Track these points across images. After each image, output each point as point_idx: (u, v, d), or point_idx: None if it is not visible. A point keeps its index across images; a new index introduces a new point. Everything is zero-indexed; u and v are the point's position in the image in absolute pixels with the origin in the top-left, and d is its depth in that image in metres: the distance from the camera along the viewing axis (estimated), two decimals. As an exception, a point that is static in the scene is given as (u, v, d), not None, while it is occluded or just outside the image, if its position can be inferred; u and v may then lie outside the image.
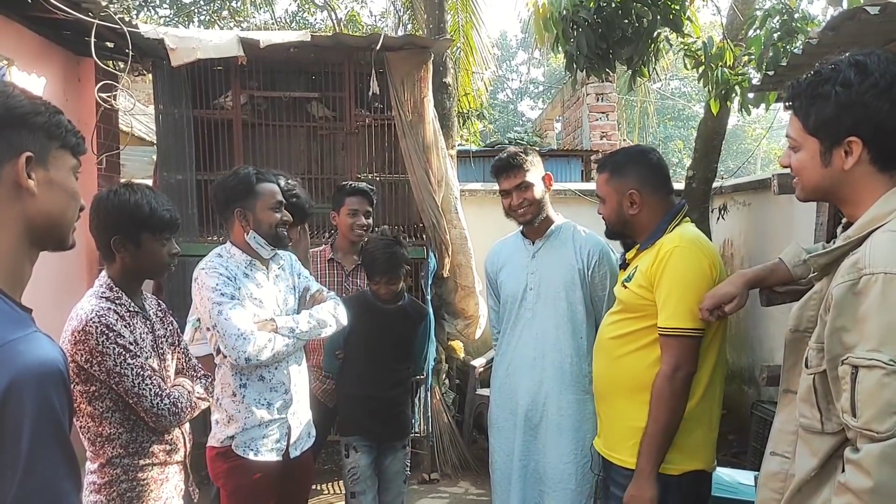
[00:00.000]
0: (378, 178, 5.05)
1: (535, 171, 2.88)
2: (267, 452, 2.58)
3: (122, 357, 2.00)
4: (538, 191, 2.86)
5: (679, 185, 5.98)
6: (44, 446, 1.07)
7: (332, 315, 2.77)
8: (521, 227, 2.99)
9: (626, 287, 2.33)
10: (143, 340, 2.11)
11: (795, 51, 3.12)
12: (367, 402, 3.21)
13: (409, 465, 3.35)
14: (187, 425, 2.27)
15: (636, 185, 2.35)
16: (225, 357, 2.54)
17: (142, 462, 2.09)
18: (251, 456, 2.55)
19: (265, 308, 2.60)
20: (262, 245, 2.62)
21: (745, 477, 3.49)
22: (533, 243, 2.93)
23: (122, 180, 2.46)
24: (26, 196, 1.17)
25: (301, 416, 2.75)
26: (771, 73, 3.55)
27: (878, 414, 1.31)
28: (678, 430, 2.20)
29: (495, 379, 3.01)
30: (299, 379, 2.73)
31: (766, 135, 15.23)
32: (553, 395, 2.79)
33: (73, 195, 1.26)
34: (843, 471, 1.39)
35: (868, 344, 1.34)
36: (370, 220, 3.69)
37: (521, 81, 30.44)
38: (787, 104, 1.60)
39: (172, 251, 2.20)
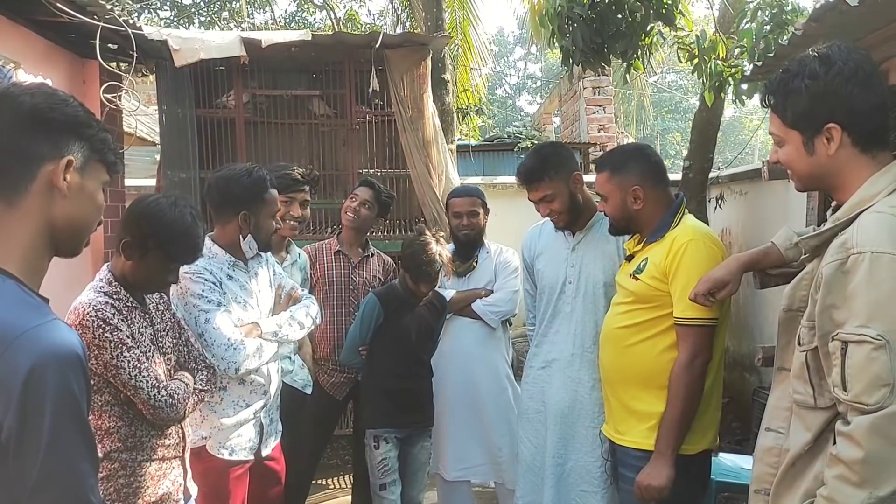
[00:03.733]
0: (379, 173, 5.10)
1: (558, 178, 2.74)
2: (241, 451, 2.54)
3: (118, 350, 1.97)
4: (563, 199, 2.75)
5: (677, 176, 6.05)
6: (64, 428, 1.11)
7: (309, 316, 2.75)
8: None
9: (637, 279, 2.38)
10: (142, 335, 2.08)
11: (783, 42, 3.19)
12: (398, 395, 3.20)
13: (431, 456, 3.35)
14: (187, 420, 2.21)
15: (638, 180, 2.41)
16: None
17: (140, 457, 2.05)
18: (226, 456, 2.50)
19: (248, 309, 2.55)
20: (252, 248, 2.58)
21: (747, 462, 3.54)
22: (573, 234, 2.85)
23: (168, 194, 2.46)
24: (57, 197, 1.24)
25: (271, 413, 2.70)
26: (759, 63, 3.63)
27: (867, 387, 1.36)
28: (698, 411, 2.30)
29: (529, 369, 2.97)
30: (275, 378, 2.69)
31: (761, 125, 15.27)
32: (595, 393, 2.72)
33: (98, 208, 1.33)
34: (835, 443, 1.44)
35: (857, 320, 1.39)
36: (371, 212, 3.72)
37: (518, 77, 30.49)
38: (763, 103, 1.67)
39: (171, 279, 2.16)
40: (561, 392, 2.80)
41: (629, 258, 2.50)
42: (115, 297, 2.05)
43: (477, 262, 3.44)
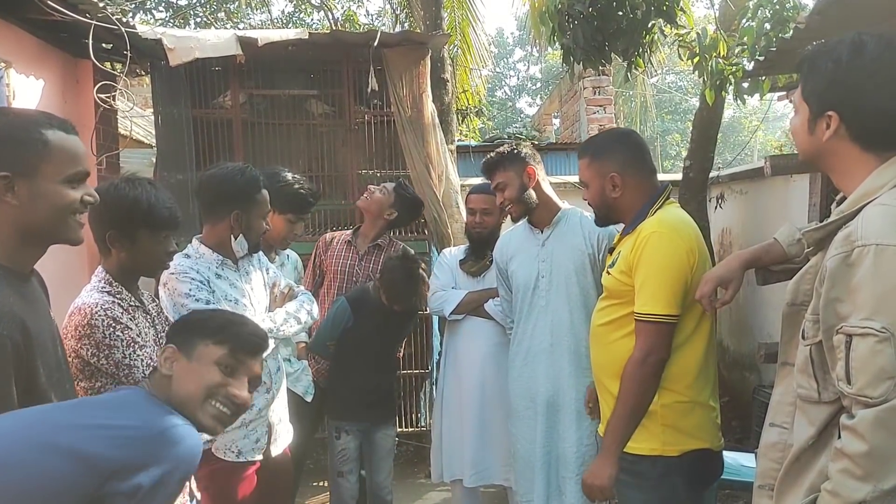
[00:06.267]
0: (379, 174, 5.08)
1: (510, 169, 2.93)
2: (248, 452, 2.52)
3: (130, 348, 1.96)
4: (514, 189, 2.92)
5: (677, 176, 6.04)
6: None
7: (306, 312, 2.75)
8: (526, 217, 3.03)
9: (609, 274, 2.33)
10: (146, 335, 2.08)
11: (786, 37, 3.17)
12: (362, 392, 3.30)
13: (397, 442, 3.46)
14: None
15: (617, 167, 2.33)
16: None
17: None
18: (232, 458, 2.49)
19: (241, 307, 2.52)
20: (242, 248, 2.57)
21: (747, 459, 3.55)
22: (542, 232, 2.98)
23: (125, 173, 2.46)
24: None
25: (280, 413, 2.69)
26: (761, 58, 3.61)
27: (871, 380, 1.35)
28: (680, 412, 2.22)
29: (512, 368, 3.03)
30: (278, 376, 2.67)
31: (761, 125, 15.28)
32: (572, 380, 2.84)
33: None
34: (840, 437, 1.42)
35: (861, 313, 1.38)
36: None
37: (518, 79, 30.53)
38: (797, 67, 1.66)
39: (169, 249, 2.15)
40: (546, 383, 2.88)
41: (611, 251, 2.45)
42: (118, 297, 2.04)
43: (492, 261, 3.42)
